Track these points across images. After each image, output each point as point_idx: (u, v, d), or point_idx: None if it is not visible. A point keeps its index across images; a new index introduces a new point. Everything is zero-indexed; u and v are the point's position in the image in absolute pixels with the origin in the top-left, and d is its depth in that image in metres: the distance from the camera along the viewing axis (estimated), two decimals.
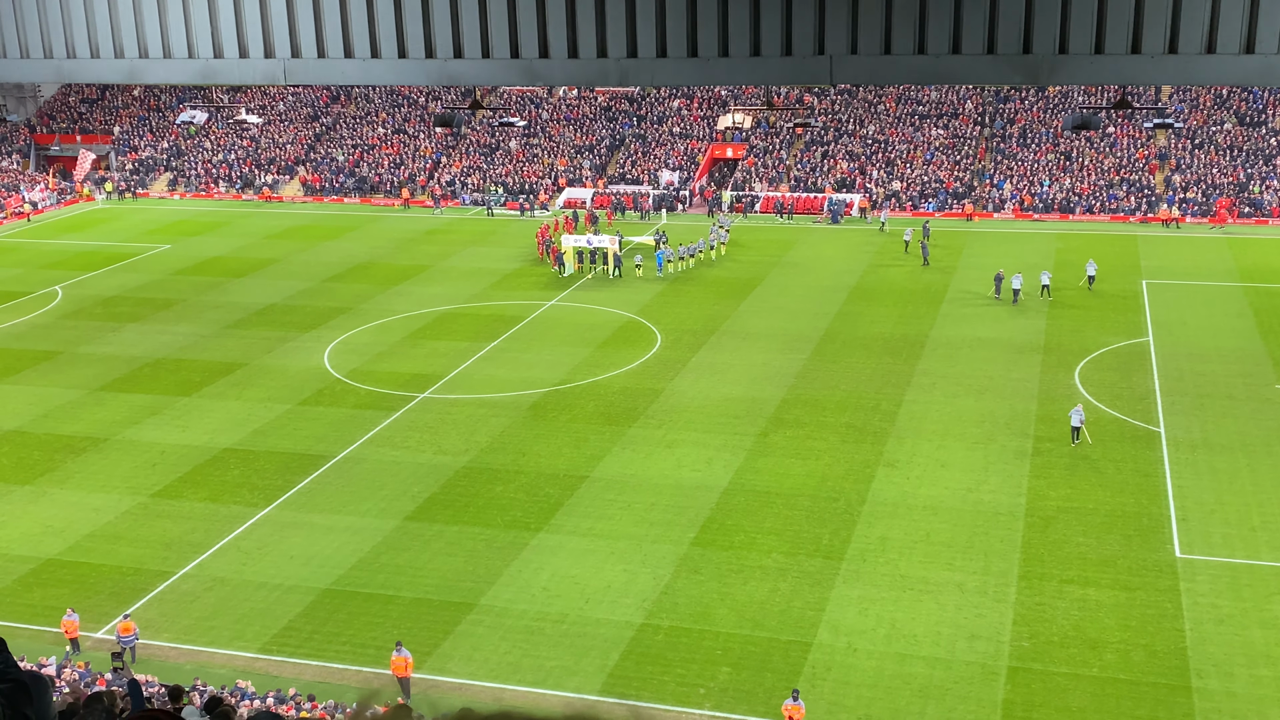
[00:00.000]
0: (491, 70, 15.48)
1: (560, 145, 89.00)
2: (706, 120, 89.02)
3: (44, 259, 71.23)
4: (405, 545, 34.70)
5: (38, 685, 5.00)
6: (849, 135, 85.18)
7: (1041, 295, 57.05)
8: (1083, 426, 40.00)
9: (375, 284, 63.08)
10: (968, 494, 36.80)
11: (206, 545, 35.18)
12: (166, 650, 30.24)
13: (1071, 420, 40.38)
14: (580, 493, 37.55)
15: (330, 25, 15.73)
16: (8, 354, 52.98)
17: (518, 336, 53.38)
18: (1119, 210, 75.14)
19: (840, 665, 28.48)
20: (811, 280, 61.77)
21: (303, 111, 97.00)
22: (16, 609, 31.91)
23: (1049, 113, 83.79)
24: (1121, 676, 27.72)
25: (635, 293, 59.88)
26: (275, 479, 39.34)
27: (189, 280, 65.02)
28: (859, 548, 33.69)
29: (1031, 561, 32.73)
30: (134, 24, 16.54)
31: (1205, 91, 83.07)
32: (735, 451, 40.25)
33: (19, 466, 41.06)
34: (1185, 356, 48.41)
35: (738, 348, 50.89)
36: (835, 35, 14.12)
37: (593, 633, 30.08)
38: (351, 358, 51.03)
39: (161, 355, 52.18)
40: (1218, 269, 62.19)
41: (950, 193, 78.32)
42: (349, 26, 15.71)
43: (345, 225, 78.79)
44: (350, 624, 30.84)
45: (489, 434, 42.31)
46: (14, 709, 4.71)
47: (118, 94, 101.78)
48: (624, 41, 14.86)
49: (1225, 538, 33.87)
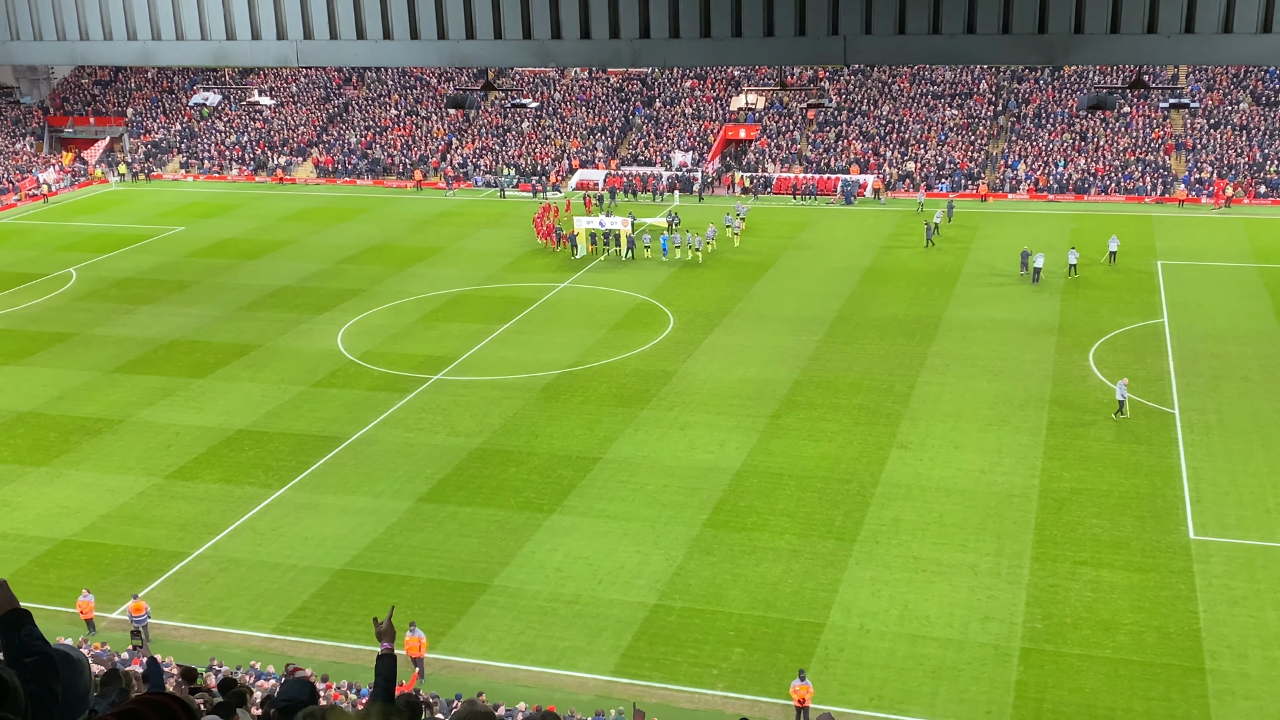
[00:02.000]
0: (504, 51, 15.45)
1: (572, 126, 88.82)
2: (719, 101, 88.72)
3: (58, 241, 71.43)
4: (419, 526, 34.81)
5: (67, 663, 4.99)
6: (863, 116, 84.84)
7: (1069, 274, 57.12)
8: (1126, 400, 40.36)
9: (388, 266, 63.13)
10: (981, 475, 36.76)
11: (221, 526, 35.34)
12: (182, 630, 30.42)
13: (1116, 393, 40.77)
14: (593, 474, 37.60)
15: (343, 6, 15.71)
16: (23, 336, 53.19)
17: (530, 319, 53.40)
18: (1134, 191, 74.77)
19: (853, 646, 28.52)
20: (825, 262, 61.63)
21: (315, 93, 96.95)
22: (33, 589, 32.09)
23: (1064, 93, 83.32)
24: (1135, 658, 27.71)
25: (647, 275, 59.83)
26: (289, 460, 39.48)
27: (203, 262, 65.16)
28: (872, 529, 33.69)
29: (1045, 543, 32.70)
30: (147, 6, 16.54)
31: (1222, 71, 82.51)
32: (748, 433, 40.25)
33: (35, 448, 41.27)
34: (1200, 338, 48.22)
35: (750, 329, 50.84)
36: (849, 15, 14.04)
37: (606, 613, 30.16)
38: (365, 340, 51.12)
39: (176, 337, 52.34)
40: (1233, 250, 61.86)
41: (965, 173, 78.00)
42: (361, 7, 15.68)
43: (358, 207, 78.83)
44: (364, 604, 30.96)
45: (502, 416, 42.38)
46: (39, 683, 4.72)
47: (130, 76, 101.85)
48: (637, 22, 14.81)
49: (1239, 519, 33.78)
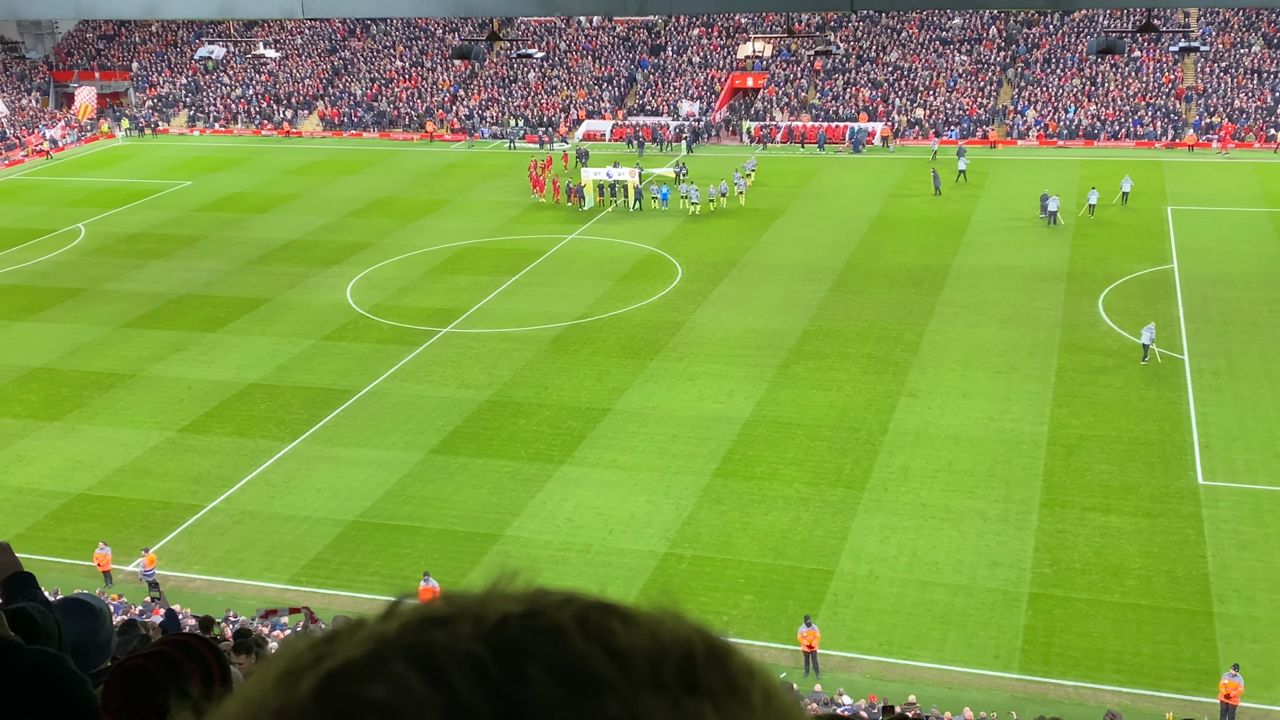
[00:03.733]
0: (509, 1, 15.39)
1: (579, 77, 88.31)
2: (726, 49, 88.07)
3: (66, 196, 71.42)
4: (430, 478, 35.03)
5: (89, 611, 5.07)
6: (871, 63, 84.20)
7: (1089, 214, 57.43)
8: (1153, 345, 40.37)
9: (396, 219, 63.06)
10: (990, 423, 36.84)
11: (234, 479, 35.61)
12: (197, 582, 30.77)
13: (1142, 338, 40.83)
14: (602, 425, 37.76)
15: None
16: (33, 292, 53.34)
17: (538, 271, 53.38)
18: (1144, 136, 74.27)
19: (862, 593, 28.75)
20: (833, 211, 61.42)
21: (320, 45, 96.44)
22: (49, 543, 32.45)
23: (1074, 37, 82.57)
24: (1143, 602, 27.90)
25: (655, 226, 59.69)
26: (301, 413, 39.68)
27: (211, 216, 65.13)
28: (880, 477, 33.84)
29: (1053, 489, 32.83)
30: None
31: (1234, 13, 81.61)
32: (757, 383, 40.33)
33: (48, 403, 41.53)
34: (1210, 283, 48.08)
35: (759, 280, 50.78)
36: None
37: (617, 562, 30.43)
38: (374, 293, 51.18)
39: (185, 292, 52.45)
40: (1244, 195, 61.52)
41: (973, 120, 77.50)
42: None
43: (365, 160, 78.62)
44: (378, 555, 31.27)
45: (511, 368, 42.50)
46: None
47: (134, 30, 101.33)
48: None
49: (1248, 464, 33.87)
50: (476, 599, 1.07)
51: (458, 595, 1.08)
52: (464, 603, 1.06)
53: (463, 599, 1.07)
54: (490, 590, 1.09)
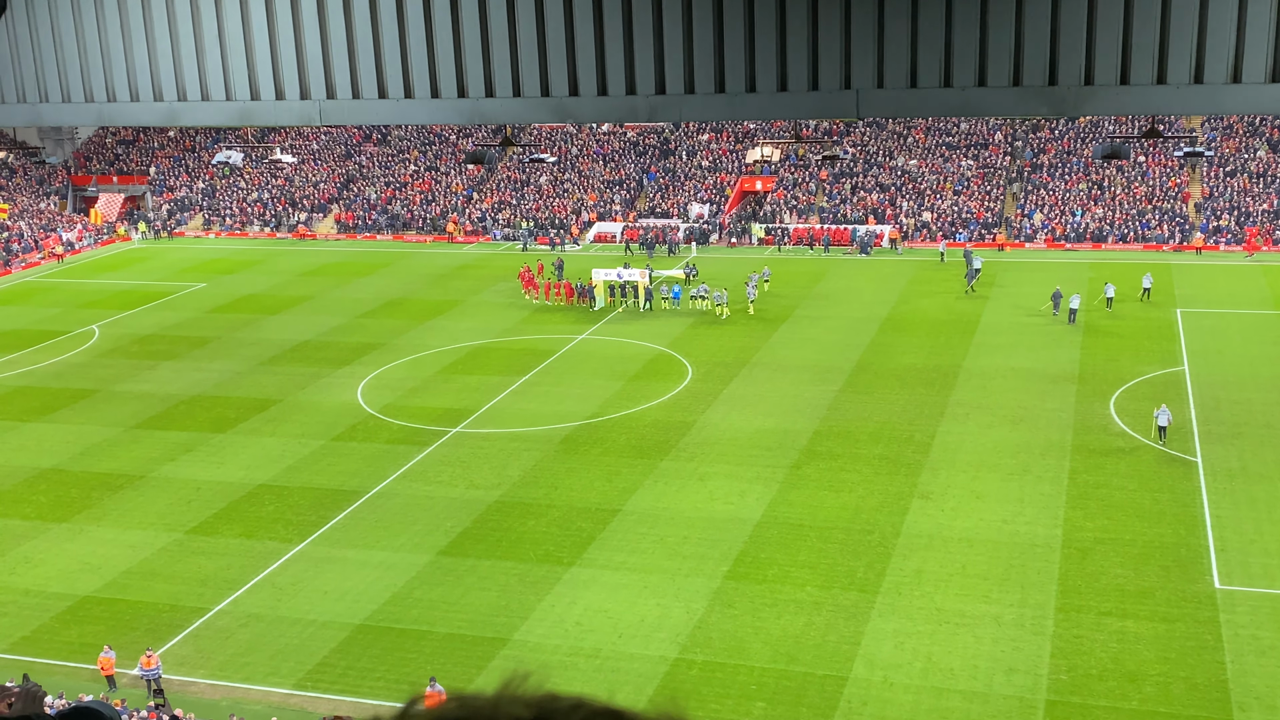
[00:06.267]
0: (522, 108, 15.65)
1: (590, 180, 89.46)
2: (734, 153, 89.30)
3: (81, 298, 72.10)
4: (438, 580, 34.75)
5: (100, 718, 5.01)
6: (878, 166, 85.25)
7: (1108, 307, 59.05)
8: (1168, 427, 40.69)
9: (408, 319, 63.47)
10: (1003, 525, 36.55)
11: (241, 581, 35.36)
12: (202, 687, 30.37)
13: (1158, 420, 41.11)
14: (612, 526, 37.53)
15: (364, 66, 15.95)
16: (46, 393, 53.57)
17: (549, 370, 53.54)
18: (1151, 239, 74.76)
19: (876, 699, 28.27)
20: (843, 311, 61.71)
21: (336, 150, 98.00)
22: (54, 646, 32.13)
23: (1079, 142, 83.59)
24: (1161, 710, 27.38)
25: (665, 325, 59.99)
26: (309, 514, 39.54)
27: (224, 318, 65.64)
28: (894, 580, 33.48)
29: (1069, 593, 32.43)
30: (172, 67, 16.84)
31: (1238, 118, 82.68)
32: (768, 484, 40.15)
33: (56, 504, 41.45)
34: (1221, 385, 48.00)
35: (769, 379, 50.85)
36: (862, 70, 14.19)
37: (626, 667, 30.01)
38: (384, 393, 51.31)
39: (197, 392, 52.65)
40: (1253, 297, 61.74)
41: (981, 223, 78.17)
42: (383, 67, 15.92)
43: (378, 262, 79.40)
44: (384, 659, 30.89)
45: (521, 468, 42.40)
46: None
47: (153, 135, 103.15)
48: (652, 78, 15.00)
49: (1265, 568, 33.47)
50: (488, 702, 1.07)
51: (470, 698, 1.07)
52: (476, 705, 1.06)
53: (475, 702, 1.06)
54: (501, 694, 1.09)
